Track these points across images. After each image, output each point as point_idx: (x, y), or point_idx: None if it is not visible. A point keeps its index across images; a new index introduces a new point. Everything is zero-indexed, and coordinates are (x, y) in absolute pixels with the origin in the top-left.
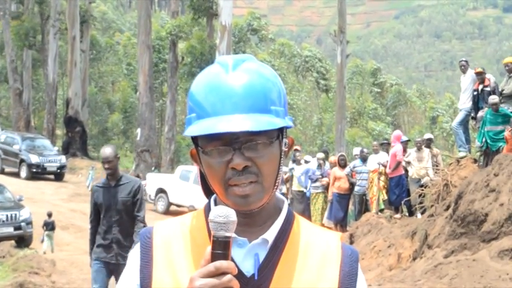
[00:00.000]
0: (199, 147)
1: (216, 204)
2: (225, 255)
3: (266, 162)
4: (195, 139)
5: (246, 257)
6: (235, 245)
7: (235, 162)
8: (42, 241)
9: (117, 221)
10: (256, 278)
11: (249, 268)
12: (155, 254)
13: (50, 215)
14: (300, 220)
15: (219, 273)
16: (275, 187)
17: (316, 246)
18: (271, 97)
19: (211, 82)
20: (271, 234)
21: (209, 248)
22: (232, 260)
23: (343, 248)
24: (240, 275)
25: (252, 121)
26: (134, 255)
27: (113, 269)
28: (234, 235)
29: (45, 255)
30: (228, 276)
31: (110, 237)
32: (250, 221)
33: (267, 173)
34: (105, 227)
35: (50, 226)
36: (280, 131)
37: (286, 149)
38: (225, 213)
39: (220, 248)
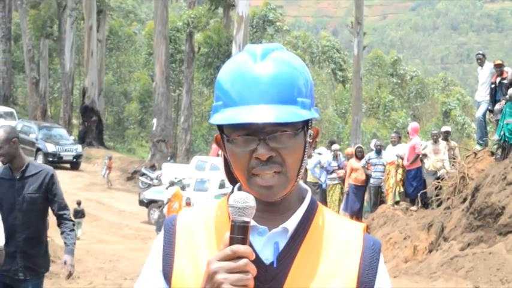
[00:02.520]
0: (225, 135)
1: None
2: (243, 240)
3: (290, 152)
4: (220, 126)
5: (265, 245)
6: (256, 233)
7: (260, 152)
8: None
9: (22, 225)
10: (275, 265)
11: (268, 256)
12: (178, 241)
13: (79, 203)
14: (323, 210)
15: (235, 257)
16: (298, 177)
17: (337, 236)
18: (298, 88)
19: (238, 70)
20: (291, 223)
21: (228, 233)
22: (252, 247)
23: (365, 239)
24: (259, 263)
25: (277, 112)
26: (158, 242)
27: (14, 286)
28: (254, 223)
29: (78, 240)
30: (244, 260)
31: (13, 246)
32: (272, 210)
33: (291, 163)
34: (6, 233)
35: (79, 214)
36: (306, 122)
37: (311, 140)
38: (243, 199)
39: (239, 233)
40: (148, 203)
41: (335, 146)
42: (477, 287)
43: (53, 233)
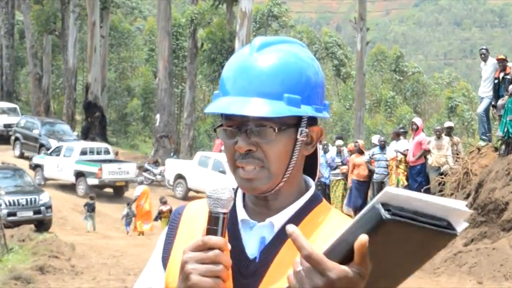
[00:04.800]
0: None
1: None
2: (217, 231)
3: (273, 148)
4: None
5: (252, 239)
6: (247, 228)
7: (238, 145)
8: (85, 218)
9: None
10: (257, 260)
11: (254, 250)
12: (180, 230)
13: (92, 197)
14: (325, 209)
15: (206, 248)
16: (286, 174)
17: (326, 234)
18: (287, 84)
19: (234, 61)
20: (279, 218)
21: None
22: (240, 241)
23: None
24: (243, 257)
25: (253, 106)
26: (163, 233)
27: None
28: (245, 217)
29: (89, 232)
30: (215, 251)
31: None
32: (266, 205)
33: (274, 159)
34: None
35: (91, 207)
36: (299, 119)
37: (305, 139)
38: (218, 190)
39: (212, 224)
40: (35, 167)
41: (338, 142)
42: (480, 282)
43: (57, 229)
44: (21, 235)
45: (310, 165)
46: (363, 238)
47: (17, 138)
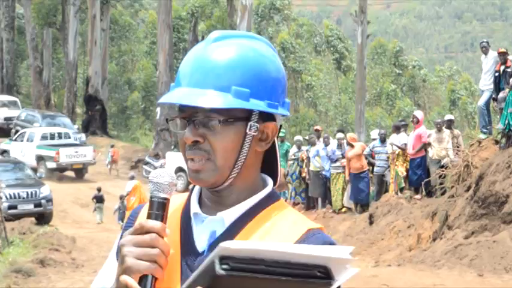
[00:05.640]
0: None
1: None
2: (157, 216)
3: (220, 141)
4: None
5: (203, 232)
6: (199, 221)
7: (185, 135)
8: (94, 210)
9: None
10: (206, 253)
11: (203, 244)
12: (137, 222)
13: (99, 189)
14: (281, 207)
15: (143, 232)
16: (235, 169)
17: (278, 230)
18: (237, 76)
19: (191, 53)
20: (230, 213)
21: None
22: (191, 234)
23: (306, 233)
24: (192, 249)
25: (194, 96)
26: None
27: None
28: (198, 210)
29: (99, 224)
30: (151, 235)
31: None
32: (220, 200)
33: (220, 152)
34: None
35: (99, 199)
36: (249, 113)
37: (255, 133)
38: (158, 174)
39: (153, 208)
40: (2, 152)
41: (339, 135)
42: (481, 275)
43: (58, 222)
44: (22, 228)
45: (270, 164)
46: None
47: (17, 132)
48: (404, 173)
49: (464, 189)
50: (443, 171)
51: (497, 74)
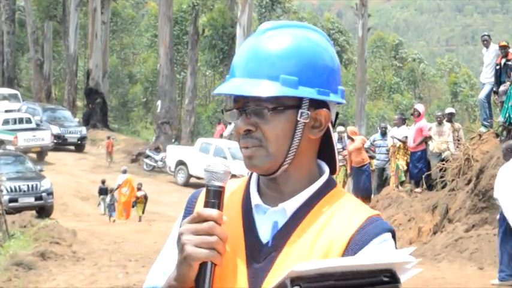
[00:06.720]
0: None
1: None
2: (214, 204)
3: (271, 128)
4: None
5: (265, 223)
6: (261, 212)
7: (238, 125)
8: (99, 204)
9: None
10: (270, 244)
11: (267, 235)
12: (195, 210)
13: (103, 181)
14: (339, 195)
15: (201, 220)
16: (289, 156)
17: (338, 219)
18: (288, 65)
19: (243, 44)
20: (292, 203)
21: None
22: (254, 225)
23: (366, 220)
24: (256, 240)
25: (244, 86)
26: (180, 215)
27: None
28: (259, 201)
29: (103, 215)
30: (209, 223)
31: None
32: (278, 189)
33: (272, 140)
34: None
35: (104, 192)
36: (300, 101)
37: (306, 121)
38: (214, 164)
39: (210, 197)
40: None
41: (339, 128)
42: (481, 268)
43: (58, 216)
44: (23, 221)
45: (326, 151)
46: None
47: None
48: (405, 167)
49: (464, 182)
50: (443, 164)
51: (498, 67)
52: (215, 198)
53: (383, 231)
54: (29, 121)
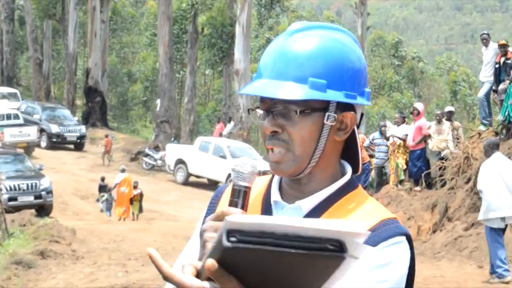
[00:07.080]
0: None
1: None
2: (238, 203)
3: (298, 131)
4: None
5: None
6: (279, 208)
7: (264, 125)
8: (97, 200)
9: None
10: None
11: None
12: (219, 207)
13: (103, 179)
14: (359, 196)
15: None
16: (314, 158)
17: (354, 219)
18: (315, 66)
19: (271, 45)
20: (308, 202)
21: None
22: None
23: (378, 223)
24: None
25: (272, 88)
26: (204, 211)
27: None
28: (278, 198)
29: (102, 212)
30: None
31: None
32: (299, 188)
33: (298, 142)
34: None
35: (104, 189)
36: (328, 104)
37: (332, 123)
38: (241, 164)
39: (235, 196)
40: None
41: None
42: (481, 266)
43: (58, 214)
44: (22, 220)
45: (350, 151)
46: (208, 263)
47: None
48: (405, 166)
49: (464, 181)
50: (443, 163)
51: (497, 66)
52: (240, 198)
53: (395, 235)
54: (16, 117)
